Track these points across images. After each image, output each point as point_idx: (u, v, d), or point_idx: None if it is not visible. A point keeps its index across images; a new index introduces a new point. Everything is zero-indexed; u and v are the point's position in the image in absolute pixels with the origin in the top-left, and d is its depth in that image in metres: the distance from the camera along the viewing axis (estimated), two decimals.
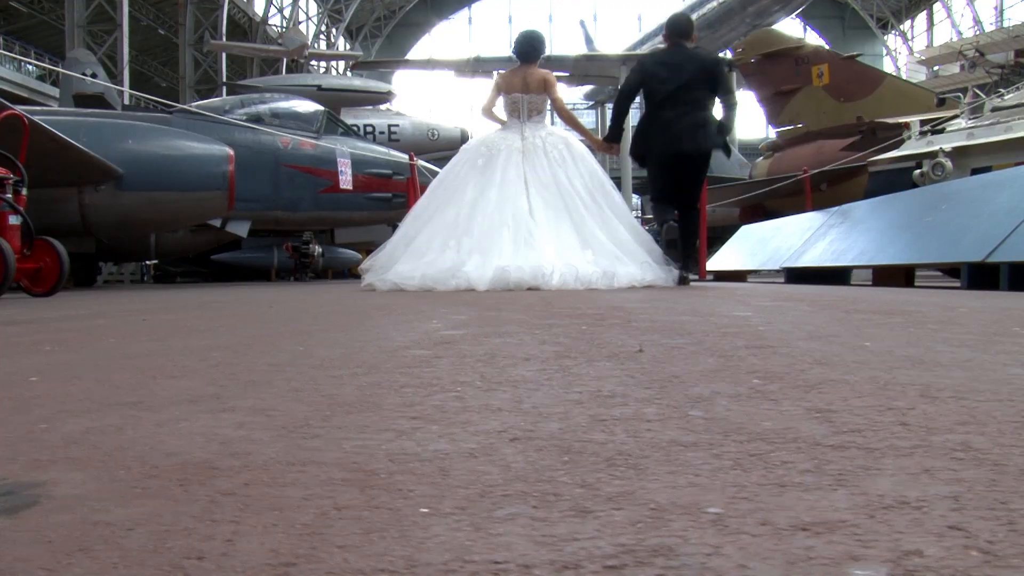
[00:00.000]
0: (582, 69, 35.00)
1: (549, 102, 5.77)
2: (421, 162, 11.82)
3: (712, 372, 1.29)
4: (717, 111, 5.62)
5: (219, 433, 0.88)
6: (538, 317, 2.74)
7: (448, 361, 1.50)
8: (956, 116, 9.20)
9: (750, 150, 23.79)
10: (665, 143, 5.45)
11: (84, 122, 10.16)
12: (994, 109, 8.53)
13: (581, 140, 5.88)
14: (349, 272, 17.65)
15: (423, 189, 10.86)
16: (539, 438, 0.82)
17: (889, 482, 0.63)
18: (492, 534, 0.53)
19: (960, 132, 8.67)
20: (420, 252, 5.12)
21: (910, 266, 6.14)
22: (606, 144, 6.19)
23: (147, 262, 16.47)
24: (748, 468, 0.68)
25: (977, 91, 9.13)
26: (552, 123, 6.10)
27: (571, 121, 6.07)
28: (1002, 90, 8.77)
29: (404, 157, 12.29)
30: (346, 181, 10.43)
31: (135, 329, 2.61)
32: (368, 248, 17.11)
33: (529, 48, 5.82)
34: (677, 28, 5.79)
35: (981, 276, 4.96)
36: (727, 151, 6.26)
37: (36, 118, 8.31)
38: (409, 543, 0.51)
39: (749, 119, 33.25)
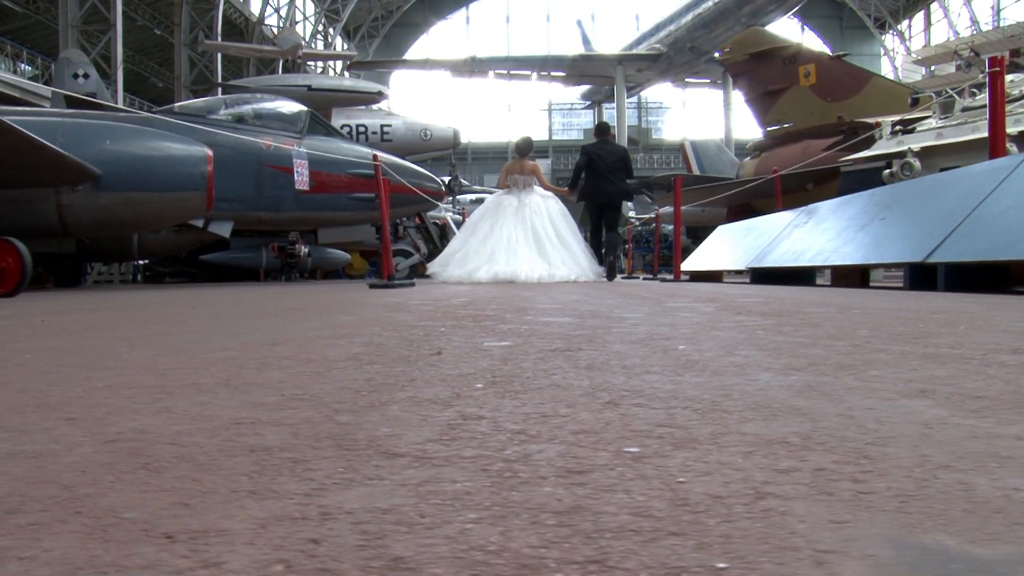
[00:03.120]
0: (579, 69, 35.00)
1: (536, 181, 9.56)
2: (393, 158, 11.91)
3: (462, 376, 1.28)
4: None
5: None
6: (426, 319, 2.74)
7: (242, 362, 1.49)
8: (927, 116, 9.15)
9: (744, 150, 23.73)
10: (601, 194, 9.34)
11: (62, 123, 10.16)
12: (964, 109, 8.47)
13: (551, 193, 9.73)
14: (343, 272, 17.64)
15: (401, 189, 10.97)
16: (157, 441, 0.82)
17: (363, 492, 0.62)
18: None
19: (930, 132, 8.61)
20: (461, 263, 8.58)
21: (864, 266, 6.10)
22: (568, 191, 9.85)
23: (139, 262, 16.49)
24: (286, 474, 0.68)
25: (950, 91, 9.08)
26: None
27: (548, 187, 9.69)
28: (975, 90, 8.71)
29: (391, 159, 12.30)
30: (302, 182, 10.44)
31: (14, 332, 2.61)
32: (358, 248, 17.13)
33: (525, 148, 9.63)
34: (602, 129, 9.99)
35: (923, 276, 4.92)
36: (631, 198, 10.18)
37: (12, 119, 8.35)
38: None
39: (744, 119, 33.16)
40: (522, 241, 8.67)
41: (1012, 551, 0.48)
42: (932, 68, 27.94)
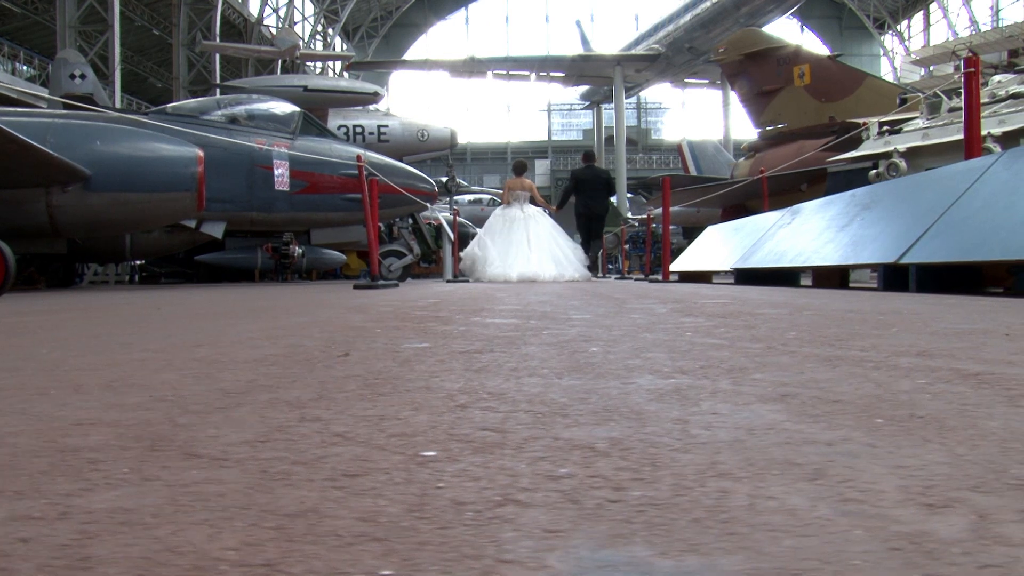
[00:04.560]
0: (578, 69, 35.00)
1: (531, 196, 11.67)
2: (383, 159, 11.97)
3: (347, 377, 1.29)
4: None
5: None
6: (375, 320, 2.75)
7: (148, 364, 1.50)
8: (915, 117, 9.13)
9: (741, 151, 23.72)
10: (587, 209, 11.99)
11: (52, 123, 10.19)
12: (951, 110, 8.45)
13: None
14: (341, 272, 17.62)
15: (392, 190, 10.99)
16: None
17: (124, 493, 0.63)
18: None
19: (916, 132, 8.59)
20: (490, 268, 10.50)
21: (843, 267, 6.09)
22: (556, 208, 12.23)
23: (135, 263, 16.50)
24: (69, 474, 0.69)
25: (938, 91, 9.06)
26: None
27: (542, 202, 11.78)
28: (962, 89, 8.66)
29: (380, 159, 12.31)
30: (282, 183, 10.46)
31: None
32: (354, 249, 17.15)
33: (521, 168, 12.02)
34: (588, 155, 12.93)
35: (898, 277, 4.91)
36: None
37: (2, 119, 8.39)
38: None
39: (743, 120, 33.11)
40: (533, 248, 10.72)
41: (694, 563, 0.48)
42: (931, 68, 27.84)
